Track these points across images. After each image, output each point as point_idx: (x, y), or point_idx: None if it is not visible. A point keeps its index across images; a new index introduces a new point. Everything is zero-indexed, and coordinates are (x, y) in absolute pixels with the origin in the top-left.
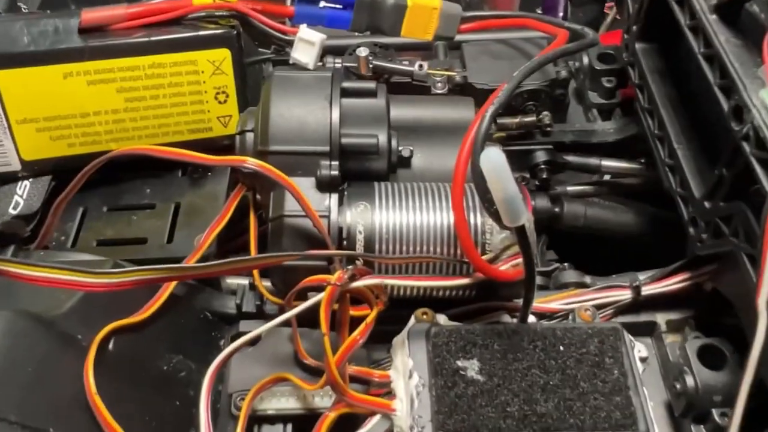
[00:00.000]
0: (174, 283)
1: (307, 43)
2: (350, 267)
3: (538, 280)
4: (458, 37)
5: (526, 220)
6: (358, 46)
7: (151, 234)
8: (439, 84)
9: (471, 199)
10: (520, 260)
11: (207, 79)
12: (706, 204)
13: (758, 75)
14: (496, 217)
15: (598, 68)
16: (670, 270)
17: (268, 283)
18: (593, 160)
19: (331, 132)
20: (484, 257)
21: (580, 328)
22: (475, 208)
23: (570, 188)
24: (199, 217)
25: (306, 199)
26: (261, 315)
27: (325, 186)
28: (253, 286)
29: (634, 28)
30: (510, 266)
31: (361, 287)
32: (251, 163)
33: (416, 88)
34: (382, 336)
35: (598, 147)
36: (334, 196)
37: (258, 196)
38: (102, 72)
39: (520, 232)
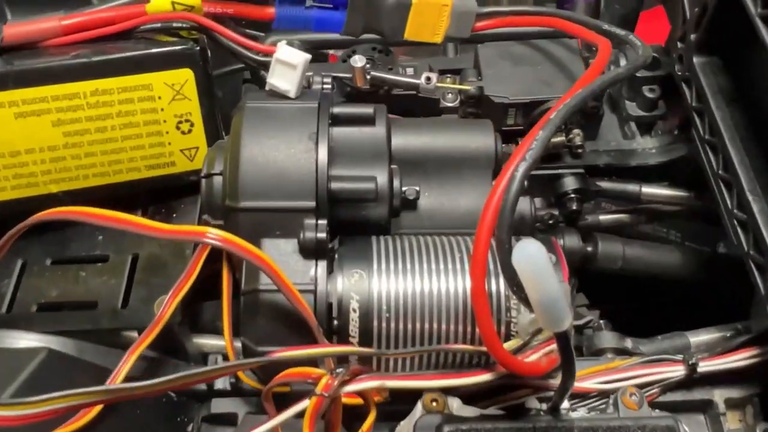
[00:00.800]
0: (129, 364)
1: (286, 66)
2: (340, 369)
3: None
4: None
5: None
6: (353, 51)
7: (102, 296)
8: (450, 96)
9: (492, 261)
10: (553, 346)
11: (165, 106)
12: None
13: None
14: (527, 303)
15: (639, 75)
16: (735, 345)
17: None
18: (632, 187)
19: (318, 182)
20: (509, 345)
21: (626, 428)
22: (498, 274)
23: (603, 217)
24: (160, 273)
25: (283, 275)
26: (236, 392)
27: (309, 252)
28: (225, 357)
29: (692, 36)
30: (541, 355)
31: (355, 392)
32: (212, 236)
33: (422, 101)
34: (385, 413)
35: (637, 170)
36: (322, 264)
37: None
38: (32, 102)
39: (561, 338)
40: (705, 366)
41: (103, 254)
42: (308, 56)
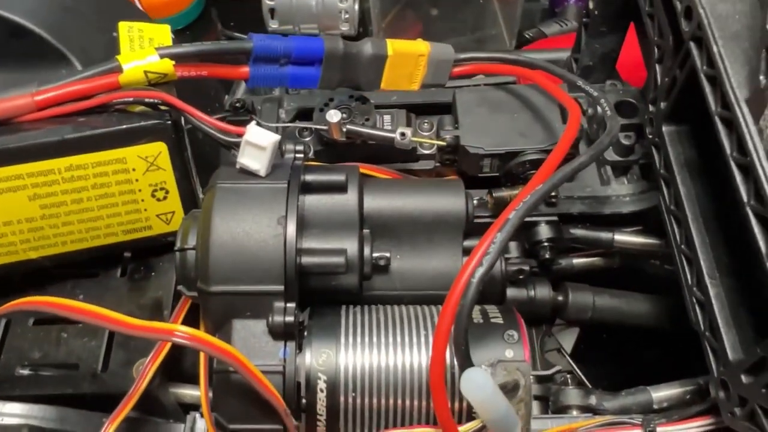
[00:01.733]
0: None
1: (256, 148)
2: None
3: (536, 389)
4: None
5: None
6: (330, 100)
7: (83, 358)
8: (427, 145)
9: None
10: None
11: (140, 177)
12: (744, 378)
13: None
14: None
15: None
16: (693, 413)
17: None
18: (605, 235)
19: (286, 267)
20: (466, 427)
21: None
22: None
23: (576, 260)
24: None
25: (248, 364)
26: None
27: (278, 334)
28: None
29: (662, 105)
30: None
31: None
32: (180, 334)
33: (399, 149)
34: None
35: (611, 218)
36: (291, 344)
37: None
38: (8, 180)
39: None
40: (663, 431)
41: None
42: (278, 137)
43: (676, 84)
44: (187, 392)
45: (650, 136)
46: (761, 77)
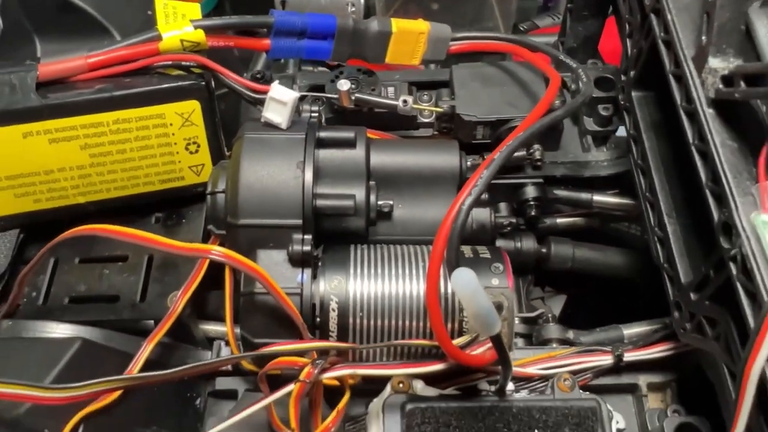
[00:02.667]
0: (147, 351)
1: (278, 103)
2: (320, 360)
3: (522, 327)
4: None
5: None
6: (341, 72)
7: (123, 291)
8: (426, 113)
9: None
10: None
11: (176, 131)
12: (692, 295)
13: (752, 191)
14: None
15: (594, 95)
16: (655, 339)
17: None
18: (584, 195)
19: (304, 203)
20: (458, 341)
21: (556, 408)
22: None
23: (560, 220)
24: (172, 272)
25: (274, 282)
26: (237, 372)
27: (297, 261)
28: (228, 342)
29: (631, 73)
30: (486, 349)
31: (333, 378)
32: (216, 253)
33: (401, 117)
34: (361, 392)
35: (591, 180)
36: (307, 271)
37: None
38: (63, 130)
39: (495, 339)
40: (630, 356)
41: (123, 254)
42: (297, 94)
43: (642, 53)
44: (212, 328)
45: (622, 102)
46: (702, 37)
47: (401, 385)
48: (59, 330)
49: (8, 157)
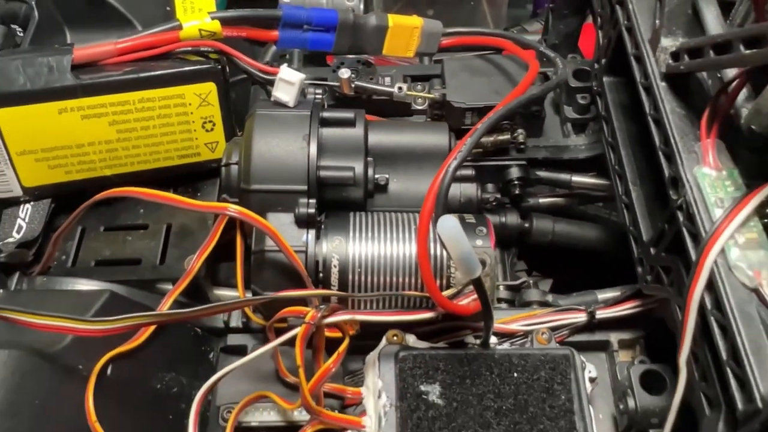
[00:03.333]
0: (169, 302)
1: (287, 83)
2: (323, 306)
3: (505, 293)
4: None
5: (481, 272)
6: (342, 63)
7: (144, 255)
8: (420, 100)
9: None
10: None
11: (194, 110)
12: (652, 250)
13: (695, 150)
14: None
15: (573, 85)
16: (623, 296)
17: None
18: (564, 176)
19: (309, 171)
20: (446, 292)
21: (534, 355)
22: (442, 245)
23: (542, 200)
24: (189, 238)
25: (283, 239)
26: (247, 329)
27: (302, 223)
28: None
29: (603, 61)
30: (471, 300)
31: (334, 323)
32: (232, 210)
33: (397, 104)
34: (359, 348)
35: (570, 162)
36: (312, 232)
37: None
38: (94, 107)
39: (476, 283)
40: (602, 314)
41: (144, 223)
42: (303, 75)
43: (611, 42)
44: (224, 293)
45: (595, 87)
46: (656, 20)
47: (395, 337)
48: (88, 285)
49: (45, 131)
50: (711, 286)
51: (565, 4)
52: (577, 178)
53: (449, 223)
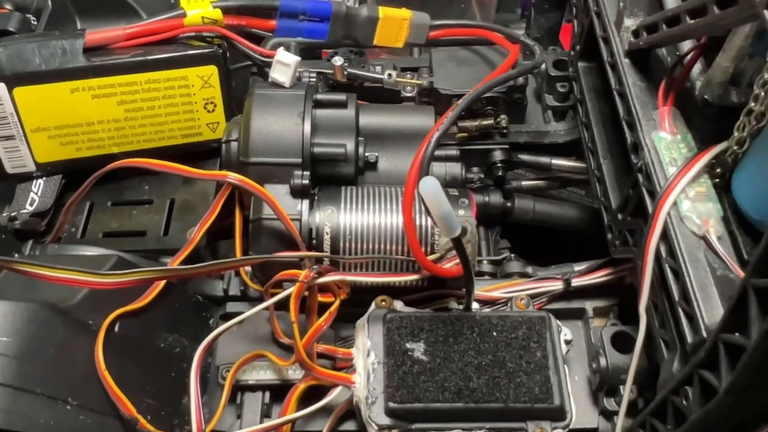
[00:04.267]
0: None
1: (283, 65)
2: (316, 266)
3: (488, 267)
4: None
5: (461, 232)
6: (335, 53)
7: (149, 227)
8: (409, 88)
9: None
10: None
11: (197, 92)
12: (619, 216)
13: (653, 117)
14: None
15: (552, 74)
16: (596, 265)
17: (249, 269)
18: (544, 159)
19: (303, 145)
20: (430, 257)
21: (512, 317)
22: (423, 212)
23: (525, 183)
24: (191, 212)
25: (279, 206)
26: (245, 298)
27: (297, 193)
28: (237, 273)
29: (578, 48)
30: (453, 264)
31: (325, 283)
32: (232, 177)
33: (387, 92)
34: (350, 317)
35: (550, 147)
36: (305, 202)
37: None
38: (104, 87)
39: (456, 242)
40: (577, 282)
41: (149, 198)
42: (299, 58)
43: (584, 29)
44: None
45: (571, 73)
46: (620, 3)
47: (384, 303)
48: (97, 252)
49: (58, 109)
50: (665, 235)
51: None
52: (556, 161)
53: (430, 183)
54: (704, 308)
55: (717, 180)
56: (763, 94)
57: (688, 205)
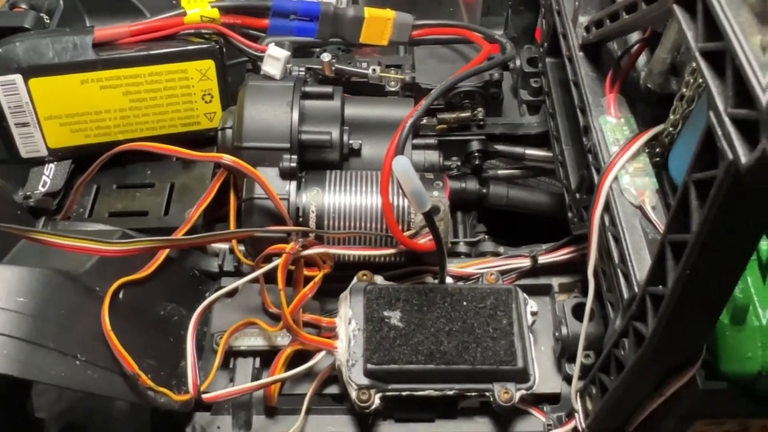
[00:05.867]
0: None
1: (274, 59)
2: (302, 239)
3: (465, 248)
4: None
5: (432, 208)
6: (324, 50)
7: (151, 208)
8: (392, 83)
9: (397, 186)
10: None
11: (195, 84)
12: (577, 195)
13: (602, 103)
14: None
15: (526, 71)
16: (561, 243)
17: (243, 247)
18: (518, 149)
19: (292, 131)
20: (406, 233)
21: (481, 288)
22: (400, 194)
23: (501, 172)
24: (189, 194)
25: (270, 187)
26: (238, 273)
27: (286, 175)
28: (231, 251)
29: (545, 45)
30: (428, 240)
31: (310, 255)
32: (227, 159)
33: (373, 86)
34: (334, 292)
35: (524, 138)
36: (293, 183)
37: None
38: (111, 79)
39: (427, 217)
40: (543, 259)
41: (151, 182)
42: (288, 53)
43: (550, 28)
44: (220, 246)
45: (540, 68)
46: (576, 2)
47: (365, 276)
48: (103, 227)
49: (69, 99)
50: (608, 206)
51: (522, 1)
52: (530, 151)
53: (401, 161)
54: (637, 267)
55: (657, 159)
56: (692, 80)
57: (628, 179)
